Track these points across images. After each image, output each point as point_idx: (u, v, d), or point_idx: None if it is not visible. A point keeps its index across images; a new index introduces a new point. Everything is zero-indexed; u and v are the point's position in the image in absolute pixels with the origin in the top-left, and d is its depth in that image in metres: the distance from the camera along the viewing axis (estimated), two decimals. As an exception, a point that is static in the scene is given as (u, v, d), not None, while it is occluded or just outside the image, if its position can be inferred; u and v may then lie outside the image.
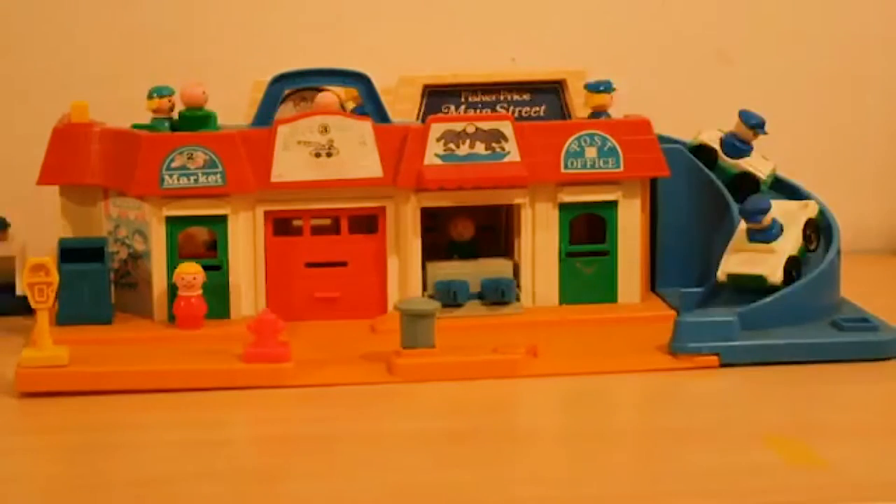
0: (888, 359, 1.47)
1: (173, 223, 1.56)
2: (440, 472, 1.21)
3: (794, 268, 1.54)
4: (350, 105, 1.65)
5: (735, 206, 1.60)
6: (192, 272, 1.51)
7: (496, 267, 1.60)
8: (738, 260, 1.55)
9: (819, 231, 1.58)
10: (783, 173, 1.71)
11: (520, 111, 1.71)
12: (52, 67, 1.83)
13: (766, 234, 1.55)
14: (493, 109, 1.70)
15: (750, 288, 1.53)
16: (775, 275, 1.52)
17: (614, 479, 1.19)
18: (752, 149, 1.67)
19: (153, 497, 1.16)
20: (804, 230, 1.57)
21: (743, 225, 1.56)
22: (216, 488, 1.18)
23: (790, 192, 1.67)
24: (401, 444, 1.27)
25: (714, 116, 1.76)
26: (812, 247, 1.58)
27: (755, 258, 1.54)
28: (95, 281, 1.54)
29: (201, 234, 1.59)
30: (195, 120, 1.60)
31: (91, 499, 1.16)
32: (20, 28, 1.83)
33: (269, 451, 1.28)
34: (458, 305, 1.57)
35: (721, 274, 1.55)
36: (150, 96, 1.61)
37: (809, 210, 1.59)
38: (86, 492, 1.17)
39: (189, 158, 1.54)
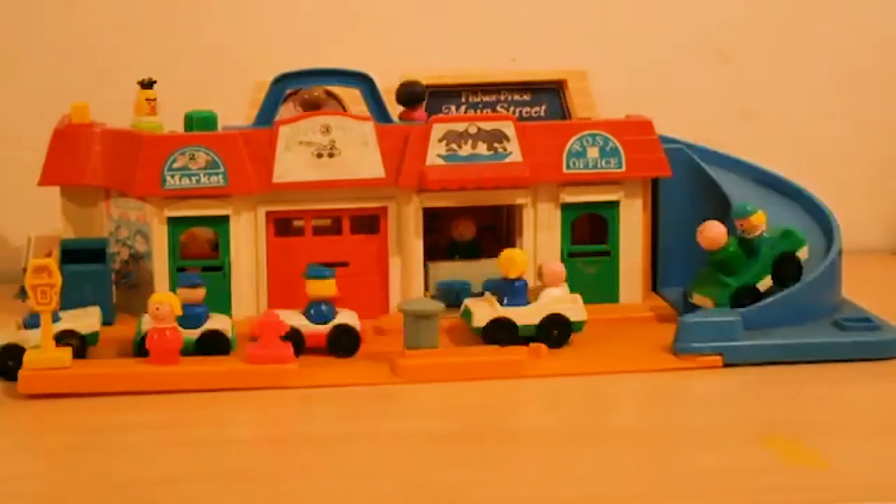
0: (890, 358, 1.47)
1: (175, 224, 1.55)
2: (443, 472, 1.21)
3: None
4: None
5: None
6: (162, 301, 1.40)
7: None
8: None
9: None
10: (784, 173, 1.71)
11: (520, 111, 1.71)
12: (52, 67, 1.83)
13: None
14: (494, 110, 1.70)
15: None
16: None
17: (616, 479, 1.19)
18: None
19: (155, 497, 1.16)
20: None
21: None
22: (219, 489, 1.18)
23: (792, 193, 1.68)
24: (404, 445, 1.27)
25: (714, 116, 1.77)
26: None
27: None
28: (97, 282, 1.54)
29: (206, 233, 1.59)
30: None
31: (93, 499, 1.16)
32: (21, 28, 1.83)
33: (272, 451, 1.28)
34: (461, 306, 1.57)
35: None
36: None
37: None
38: (88, 492, 1.17)
39: (191, 159, 1.54)
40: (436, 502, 1.15)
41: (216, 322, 1.45)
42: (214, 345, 1.44)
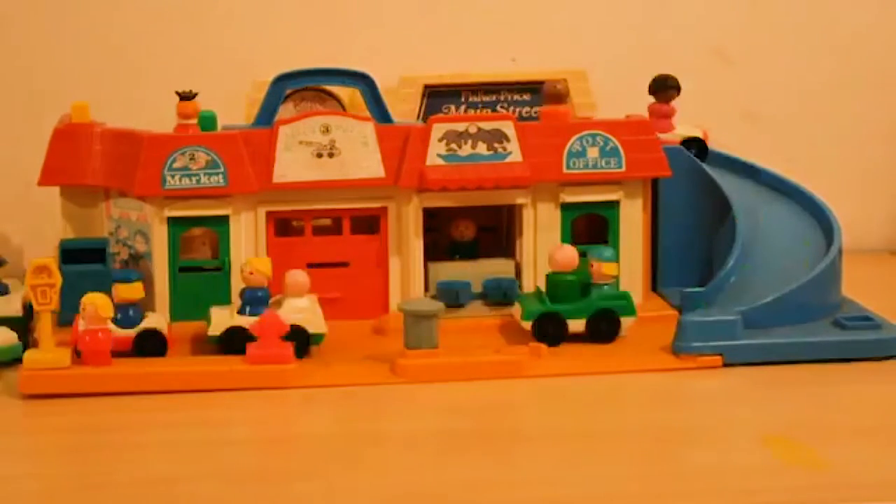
0: (890, 358, 1.47)
1: (175, 224, 1.55)
2: (443, 472, 1.21)
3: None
4: None
5: (737, 207, 1.61)
6: (88, 302, 1.40)
7: (498, 267, 1.60)
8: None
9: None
10: (784, 173, 1.71)
11: (520, 111, 1.72)
12: (52, 67, 1.83)
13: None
14: (494, 109, 1.71)
15: None
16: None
17: (616, 479, 1.19)
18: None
19: (155, 497, 1.16)
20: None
21: None
22: (218, 489, 1.18)
23: (792, 193, 1.68)
24: (404, 445, 1.27)
25: (714, 116, 1.76)
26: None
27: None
28: (97, 282, 1.53)
29: (205, 233, 1.58)
30: None
31: (93, 499, 1.16)
32: (21, 28, 1.83)
33: (272, 451, 1.28)
34: (461, 306, 1.57)
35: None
36: None
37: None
38: (88, 492, 1.17)
39: (191, 159, 1.54)
40: (436, 502, 1.15)
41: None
42: None
